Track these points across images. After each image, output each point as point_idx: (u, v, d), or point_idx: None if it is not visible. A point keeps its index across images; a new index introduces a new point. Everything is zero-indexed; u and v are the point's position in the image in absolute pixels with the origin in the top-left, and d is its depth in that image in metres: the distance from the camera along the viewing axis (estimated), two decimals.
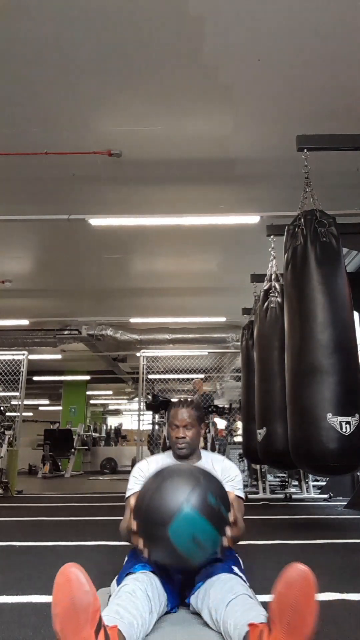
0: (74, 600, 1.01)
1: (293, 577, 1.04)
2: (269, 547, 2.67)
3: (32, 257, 6.81)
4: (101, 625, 1.05)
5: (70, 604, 1.01)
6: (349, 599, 1.69)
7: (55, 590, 1.03)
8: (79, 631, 1.00)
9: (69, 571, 1.05)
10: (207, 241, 6.05)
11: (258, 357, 4.25)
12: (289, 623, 1.01)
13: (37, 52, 3.29)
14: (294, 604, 1.02)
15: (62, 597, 1.02)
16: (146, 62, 3.39)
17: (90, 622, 1.02)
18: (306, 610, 1.02)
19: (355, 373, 2.89)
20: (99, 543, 2.73)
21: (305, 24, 3.07)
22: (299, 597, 1.02)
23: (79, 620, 1.00)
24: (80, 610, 1.01)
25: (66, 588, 1.02)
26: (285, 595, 1.03)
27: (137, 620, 1.20)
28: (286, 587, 1.04)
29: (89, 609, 1.02)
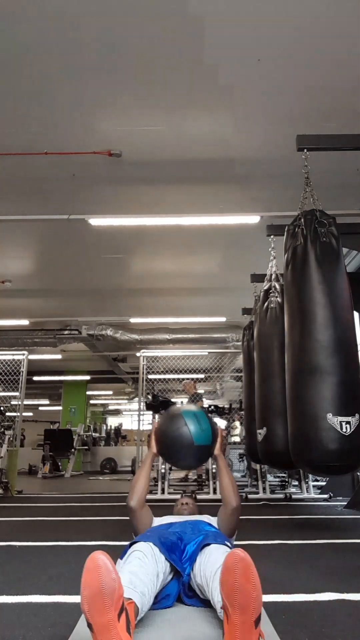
0: (102, 585, 1.11)
1: (232, 563, 1.14)
2: (269, 547, 2.67)
3: (32, 257, 6.82)
4: (123, 608, 1.15)
5: (99, 589, 1.10)
6: (349, 599, 1.69)
7: (85, 573, 1.13)
8: (104, 613, 1.10)
9: (98, 557, 1.14)
10: (207, 241, 6.05)
11: (258, 357, 4.25)
12: (239, 604, 1.11)
13: (37, 52, 3.29)
14: (237, 586, 1.11)
15: (91, 581, 1.11)
16: (146, 62, 3.39)
17: (114, 605, 1.12)
18: (249, 588, 1.11)
19: (355, 373, 2.89)
20: (99, 543, 2.73)
21: (305, 24, 3.07)
22: (240, 579, 1.12)
23: (105, 603, 1.10)
24: (107, 595, 1.10)
25: (95, 573, 1.12)
26: (228, 581, 1.13)
27: (148, 586, 1.34)
28: (227, 574, 1.14)
29: (114, 595, 1.12)
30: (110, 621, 1.10)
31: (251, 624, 1.11)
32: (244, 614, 1.11)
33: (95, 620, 1.10)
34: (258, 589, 1.12)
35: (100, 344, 9.65)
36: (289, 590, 1.80)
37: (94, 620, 1.10)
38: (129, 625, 1.16)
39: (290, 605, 1.63)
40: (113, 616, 1.11)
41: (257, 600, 1.11)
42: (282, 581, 1.93)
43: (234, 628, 1.11)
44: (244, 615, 1.11)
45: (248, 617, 1.11)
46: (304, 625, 1.44)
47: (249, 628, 1.11)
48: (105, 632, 1.10)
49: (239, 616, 1.11)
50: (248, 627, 1.11)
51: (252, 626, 1.11)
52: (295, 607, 1.62)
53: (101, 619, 1.10)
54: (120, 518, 3.65)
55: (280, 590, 1.80)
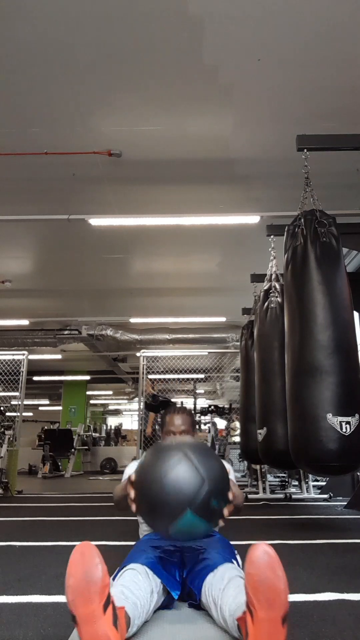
0: (85, 573, 1.08)
1: (257, 556, 1.09)
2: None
3: (32, 257, 6.82)
4: (110, 601, 1.11)
5: (82, 577, 1.07)
6: (349, 599, 1.69)
7: (70, 564, 1.10)
8: (88, 603, 1.06)
9: (84, 548, 1.12)
10: (207, 241, 6.05)
11: (258, 357, 4.25)
12: (265, 599, 1.06)
13: (37, 52, 3.29)
14: (264, 580, 1.06)
15: (75, 571, 1.08)
16: (146, 62, 3.39)
17: (99, 595, 1.08)
18: (277, 582, 1.07)
19: (355, 373, 2.89)
20: (99, 543, 2.71)
21: (305, 24, 3.08)
22: (266, 571, 1.07)
23: (89, 592, 1.07)
24: (91, 583, 1.07)
25: (79, 562, 1.09)
26: (254, 575, 1.08)
27: (140, 600, 1.29)
28: (253, 568, 1.08)
29: (99, 583, 1.08)
30: (94, 611, 1.06)
31: (278, 620, 1.06)
32: (271, 608, 1.06)
33: (79, 610, 1.06)
34: (285, 582, 1.08)
35: (100, 344, 9.65)
36: (289, 590, 1.79)
37: (78, 611, 1.06)
38: (116, 621, 1.11)
39: (290, 605, 1.63)
40: (97, 606, 1.07)
41: (284, 593, 1.07)
42: None
43: (260, 625, 1.06)
44: (270, 610, 1.06)
45: (275, 612, 1.06)
46: (304, 625, 1.44)
47: (276, 624, 1.06)
48: (90, 623, 1.06)
49: (266, 611, 1.06)
50: (275, 624, 1.06)
51: (280, 623, 1.07)
52: (295, 607, 1.62)
53: (85, 609, 1.06)
54: (121, 518, 3.64)
55: None
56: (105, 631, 1.06)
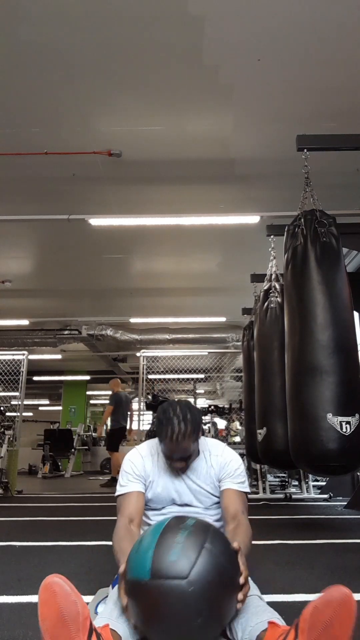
0: (62, 612, 0.99)
1: (334, 597, 1.01)
2: (269, 547, 2.67)
3: (32, 257, 6.82)
4: (92, 630, 1.03)
5: (59, 617, 0.99)
6: None
7: (41, 605, 1.00)
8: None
9: (53, 583, 1.02)
10: (207, 241, 6.05)
11: (258, 357, 4.25)
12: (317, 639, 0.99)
13: (37, 52, 3.29)
14: (327, 623, 0.98)
15: (49, 612, 0.99)
16: (146, 62, 3.39)
17: (81, 630, 1.00)
18: (338, 634, 0.98)
19: (355, 373, 2.89)
20: (99, 543, 2.73)
21: (305, 24, 3.07)
22: (334, 618, 0.99)
23: (69, 631, 0.99)
24: (70, 621, 0.99)
25: (52, 602, 0.99)
26: (321, 612, 1.00)
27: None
28: (324, 604, 1.00)
29: (79, 618, 1.00)
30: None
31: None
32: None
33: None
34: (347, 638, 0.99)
35: (100, 344, 9.65)
36: (289, 590, 1.80)
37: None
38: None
39: (290, 605, 1.63)
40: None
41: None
42: (282, 581, 1.93)
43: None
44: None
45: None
46: None
47: None
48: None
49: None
50: None
51: None
52: (295, 607, 1.62)
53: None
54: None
55: (280, 590, 1.80)
56: None
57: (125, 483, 1.67)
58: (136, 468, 1.68)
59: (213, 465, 1.69)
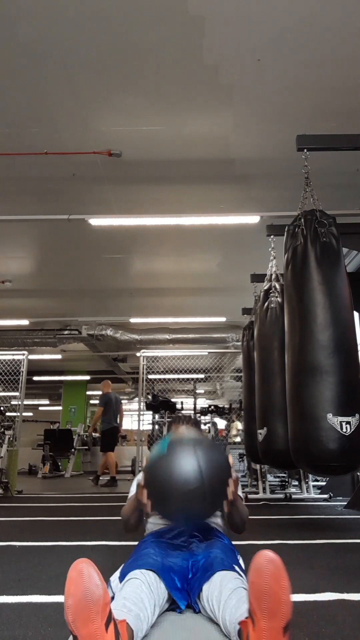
0: (85, 593, 1.05)
1: (261, 564, 1.08)
2: (269, 547, 2.66)
3: (32, 257, 6.82)
4: (111, 619, 1.09)
5: (83, 596, 1.05)
6: (349, 599, 1.69)
7: (68, 583, 1.07)
8: (89, 623, 1.04)
9: (82, 566, 1.09)
10: (207, 241, 6.05)
11: (258, 357, 4.25)
12: (268, 608, 1.06)
13: (37, 52, 3.29)
14: (267, 590, 1.06)
15: (75, 590, 1.06)
16: (146, 62, 3.39)
17: (100, 614, 1.06)
18: (280, 591, 1.06)
19: (355, 373, 2.89)
20: (99, 543, 2.73)
21: (305, 24, 3.08)
22: (270, 581, 1.06)
23: (90, 612, 1.05)
24: (92, 602, 1.05)
25: (79, 581, 1.06)
26: (257, 584, 1.07)
27: (143, 612, 1.26)
28: (257, 576, 1.08)
29: (100, 602, 1.06)
30: (97, 631, 1.04)
31: (280, 630, 1.06)
32: (273, 619, 1.05)
33: (81, 631, 1.04)
34: (288, 593, 1.07)
35: (100, 344, 9.65)
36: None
37: (80, 632, 1.04)
38: (118, 637, 1.09)
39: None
40: (100, 625, 1.05)
41: (287, 605, 1.06)
42: None
43: (262, 634, 1.06)
44: (272, 620, 1.05)
45: (277, 622, 1.06)
46: (304, 625, 1.44)
47: (277, 635, 1.06)
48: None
49: (267, 622, 1.06)
50: (276, 634, 1.06)
51: (281, 633, 1.06)
52: (295, 607, 1.60)
53: (87, 629, 1.04)
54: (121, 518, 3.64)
55: None
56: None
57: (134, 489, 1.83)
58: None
59: None
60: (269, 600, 1.05)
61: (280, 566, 1.09)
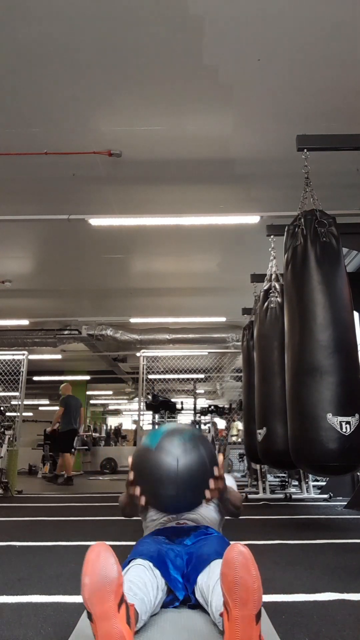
0: (101, 572, 1.11)
1: (232, 557, 1.13)
2: (269, 547, 2.67)
3: (32, 257, 6.82)
4: (123, 600, 1.15)
5: (99, 575, 1.11)
6: (349, 599, 1.69)
7: (86, 562, 1.13)
8: (104, 601, 1.10)
9: (100, 548, 1.15)
10: (207, 241, 6.05)
11: (258, 357, 4.25)
12: (239, 598, 1.10)
13: (37, 52, 3.29)
14: (236, 580, 1.10)
15: (92, 569, 1.12)
16: (146, 62, 3.39)
17: (114, 593, 1.11)
18: (250, 581, 1.10)
19: (355, 373, 2.89)
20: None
21: (305, 24, 3.08)
22: (239, 571, 1.10)
23: (105, 591, 1.10)
24: (107, 582, 1.11)
25: (96, 561, 1.12)
26: (228, 575, 1.12)
27: (147, 596, 1.32)
28: (228, 568, 1.12)
29: (114, 582, 1.12)
30: (109, 609, 1.11)
31: (252, 618, 1.10)
32: (245, 607, 1.10)
33: (96, 608, 1.10)
34: (258, 582, 1.11)
35: (100, 344, 9.65)
36: (289, 590, 1.80)
37: (94, 609, 1.11)
38: (129, 619, 1.16)
39: (290, 605, 1.63)
40: (113, 605, 1.11)
41: (257, 592, 1.10)
42: (282, 581, 1.92)
43: (235, 623, 1.11)
44: (244, 609, 1.10)
45: (248, 611, 1.10)
46: (303, 625, 1.44)
47: (250, 622, 1.10)
48: (105, 620, 1.10)
49: (240, 610, 1.10)
50: (249, 622, 1.10)
51: (253, 621, 1.10)
52: (295, 607, 1.62)
53: (101, 607, 1.10)
54: (121, 518, 3.64)
55: (280, 590, 1.80)
56: (119, 629, 1.11)
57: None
58: None
59: None
60: (240, 590, 1.10)
61: (249, 557, 1.13)
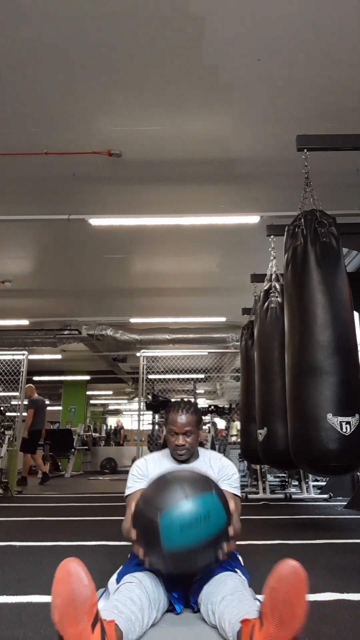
0: (73, 593, 1.05)
1: (285, 573, 1.07)
2: (269, 547, 2.67)
3: (32, 257, 6.82)
4: (98, 619, 1.08)
5: (69, 596, 1.05)
6: (349, 599, 1.69)
7: (55, 583, 1.07)
8: (76, 623, 1.04)
9: (70, 565, 1.09)
10: (207, 241, 6.05)
11: (258, 357, 4.25)
12: (280, 617, 1.04)
13: (37, 52, 3.29)
14: (285, 598, 1.04)
15: (62, 590, 1.05)
16: (146, 62, 3.39)
17: (87, 614, 1.05)
18: (297, 604, 1.05)
19: (355, 373, 2.89)
20: (99, 543, 2.73)
21: (305, 24, 3.07)
22: (290, 592, 1.05)
23: (76, 612, 1.04)
24: (78, 602, 1.04)
25: (66, 581, 1.06)
26: (277, 590, 1.06)
27: (136, 615, 1.24)
28: (278, 582, 1.06)
29: (87, 603, 1.05)
30: (82, 632, 1.04)
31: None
32: (283, 628, 1.04)
33: (67, 632, 1.04)
34: (305, 607, 1.06)
35: (100, 344, 9.65)
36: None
37: (65, 632, 1.04)
38: (104, 636, 1.09)
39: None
40: (85, 626, 1.05)
41: (300, 619, 1.05)
42: None
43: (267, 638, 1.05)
44: (281, 629, 1.04)
45: (286, 633, 1.04)
46: (303, 625, 1.44)
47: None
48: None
49: (276, 628, 1.04)
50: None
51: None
52: None
53: (73, 630, 1.04)
54: (121, 518, 3.64)
55: None
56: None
57: (132, 484, 1.83)
58: (140, 470, 1.84)
59: (212, 466, 1.84)
60: (284, 610, 1.04)
61: (304, 580, 1.07)
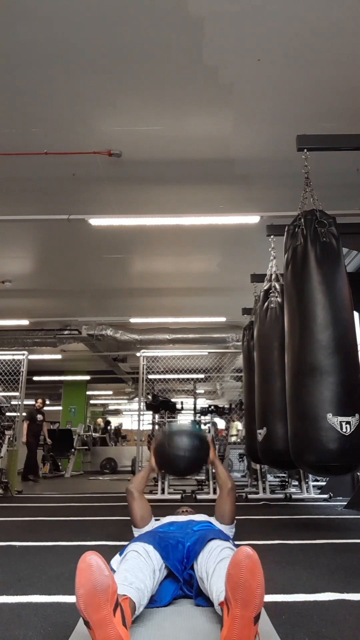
0: (95, 583, 1.16)
1: (239, 559, 1.18)
2: (269, 547, 2.67)
3: (32, 257, 6.82)
4: (118, 604, 1.21)
5: (92, 586, 1.16)
6: (349, 599, 1.69)
7: (78, 574, 1.18)
8: (100, 610, 1.15)
9: (90, 558, 1.20)
10: (207, 241, 6.05)
11: (258, 357, 4.25)
12: (242, 598, 1.15)
13: (37, 52, 3.29)
14: (243, 582, 1.15)
15: (85, 580, 1.16)
16: (146, 62, 3.39)
17: (109, 601, 1.17)
18: (254, 585, 1.15)
19: (355, 373, 2.89)
20: (99, 543, 2.73)
21: (305, 24, 3.08)
22: (247, 575, 1.16)
23: (100, 600, 1.15)
24: (101, 591, 1.16)
25: (88, 572, 1.17)
26: (234, 576, 1.17)
27: (144, 582, 1.41)
28: (234, 568, 1.18)
29: (108, 591, 1.17)
30: (106, 617, 1.15)
31: (251, 620, 1.15)
32: (246, 609, 1.14)
33: (92, 617, 1.15)
34: (262, 587, 1.16)
35: (100, 344, 9.65)
36: (289, 590, 1.80)
37: (91, 618, 1.15)
38: (125, 620, 1.21)
39: (290, 605, 1.63)
40: (109, 612, 1.16)
41: (259, 597, 1.15)
42: (282, 581, 1.93)
43: (234, 621, 1.15)
44: (245, 610, 1.14)
45: (249, 612, 1.15)
46: (304, 625, 1.44)
47: (248, 623, 1.15)
48: (102, 627, 1.15)
49: (240, 610, 1.15)
50: (247, 622, 1.15)
51: (252, 622, 1.15)
52: (295, 607, 1.62)
53: (97, 616, 1.15)
54: (121, 518, 3.65)
55: (280, 590, 1.80)
56: (117, 632, 1.16)
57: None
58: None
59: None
60: (244, 592, 1.15)
61: (257, 562, 1.18)
